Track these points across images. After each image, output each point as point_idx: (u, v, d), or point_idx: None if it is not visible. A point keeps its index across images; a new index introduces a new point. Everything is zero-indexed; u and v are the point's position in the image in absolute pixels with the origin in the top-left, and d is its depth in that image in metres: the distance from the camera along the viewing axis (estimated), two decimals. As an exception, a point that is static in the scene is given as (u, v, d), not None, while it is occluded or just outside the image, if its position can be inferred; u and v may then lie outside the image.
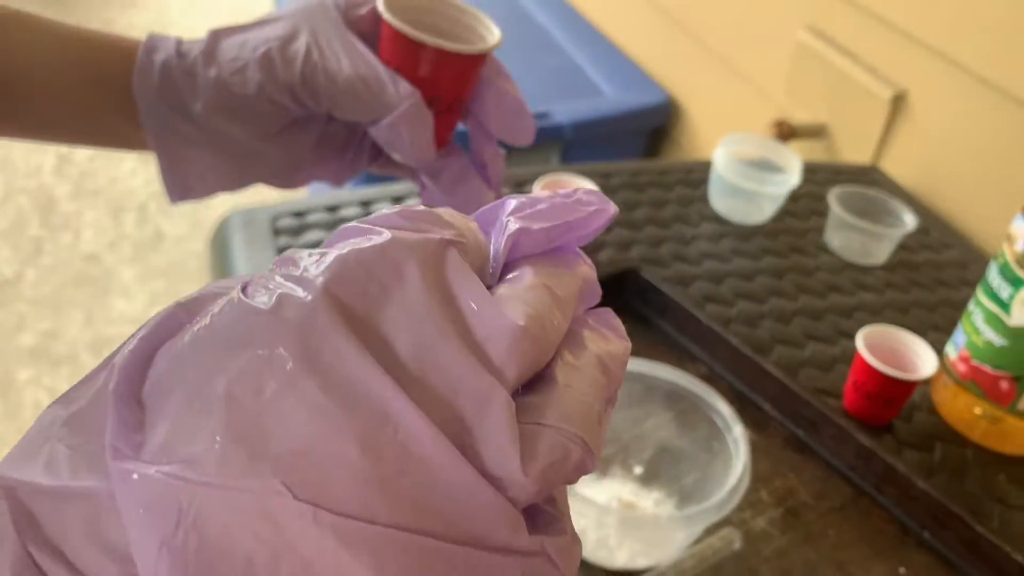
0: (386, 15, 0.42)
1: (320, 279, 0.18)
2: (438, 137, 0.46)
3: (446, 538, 0.16)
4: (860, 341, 0.66)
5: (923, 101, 1.06)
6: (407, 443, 0.16)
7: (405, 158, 0.44)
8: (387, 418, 0.16)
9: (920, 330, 0.79)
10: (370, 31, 0.44)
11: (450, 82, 0.44)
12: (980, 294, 0.66)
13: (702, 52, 1.49)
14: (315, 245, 0.77)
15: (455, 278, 0.19)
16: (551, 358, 0.19)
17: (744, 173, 0.86)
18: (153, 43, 0.44)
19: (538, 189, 0.78)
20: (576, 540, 0.19)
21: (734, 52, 1.41)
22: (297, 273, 0.18)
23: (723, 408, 0.55)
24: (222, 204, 2.17)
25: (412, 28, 0.42)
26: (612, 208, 0.24)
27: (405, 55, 0.42)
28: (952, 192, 1.02)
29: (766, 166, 0.90)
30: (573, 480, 0.18)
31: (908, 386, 0.65)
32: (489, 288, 0.20)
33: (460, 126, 0.49)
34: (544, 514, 0.19)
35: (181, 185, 0.46)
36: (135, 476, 0.16)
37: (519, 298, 0.19)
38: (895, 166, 1.10)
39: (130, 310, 1.88)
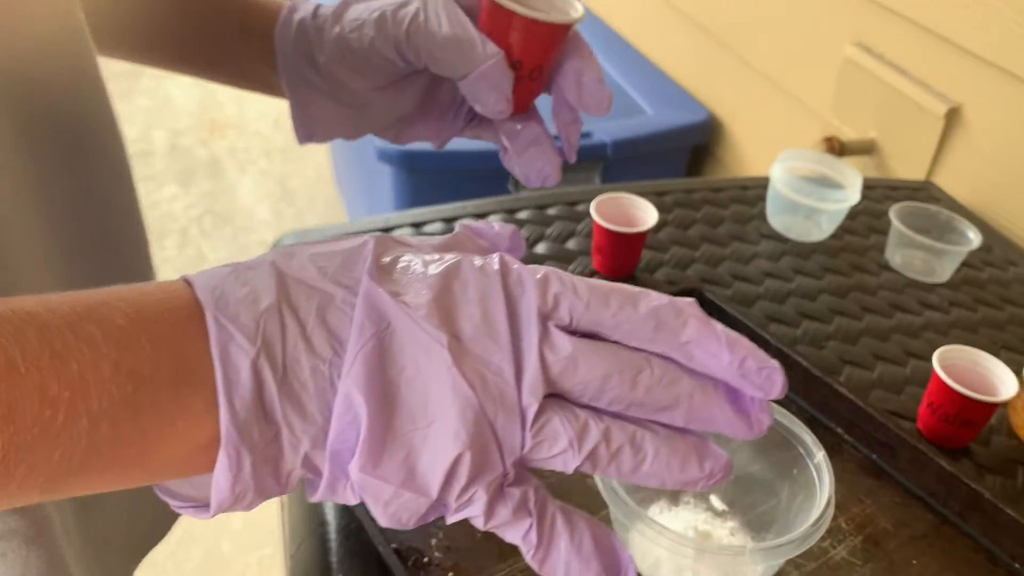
0: None
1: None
2: (518, 100, 0.48)
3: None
4: (937, 362, 0.64)
5: (978, 115, 1.03)
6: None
7: (484, 110, 0.48)
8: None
9: (991, 349, 0.76)
10: (475, 4, 0.48)
11: (533, 49, 0.47)
12: (1060, 312, 0.64)
13: (744, 69, 1.47)
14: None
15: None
16: None
17: (803, 189, 0.85)
18: (294, 4, 0.51)
19: (594, 210, 0.77)
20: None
21: (778, 69, 1.39)
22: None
23: (804, 435, 0.53)
24: (264, 227, 2.19)
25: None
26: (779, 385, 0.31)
27: (496, 22, 0.46)
28: (1012, 207, 0.99)
29: (824, 182, 0.88)
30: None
31: (988, 408, 0.63)
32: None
33: (545, 96, 0.51)
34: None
35: (306, 128, 0.52)
36: (380, 290, 0.29)
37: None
38: (950, 182, 1.07)
39: (171, 334, 1.88)
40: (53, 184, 0.45)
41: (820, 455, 0.52)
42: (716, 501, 0.57)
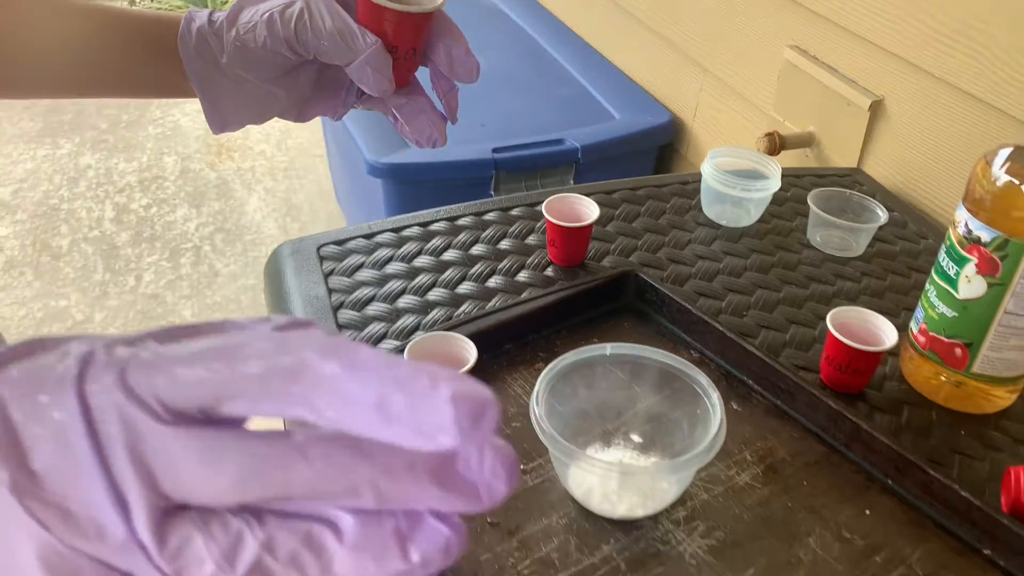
0: None
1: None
2: (398, 78, 0.59)
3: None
4: (829, 321, 0.77)
5: (898, 107, 1.15)
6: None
7: (371, 90, 0.57)
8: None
9: (895, 311, 0.89)
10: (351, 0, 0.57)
11: (405, 35, 0.57)
12: (933, 274, 0.76)
13: (700, 73, 1.60)
14: (357, 269, 0.89)
15: None
16: None
17: (729, 182, 0.97)
18: (191, 15, 0.59)
19: (545, 209, 0.89)
20: None
21: (728, 72, 1.52)
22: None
23: (702, 379, 0.66)
24: (272, 241, 2.32)
25: None
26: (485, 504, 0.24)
27: (371, 16, 0.56)
28: (928, 187, 1.11)
29: (751, 174, 1.00)
30: None
31: (872, 357, 0.75)
32: None
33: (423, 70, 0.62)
34: None
35: (219, 121, 0.61)
36: None
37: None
38: (877, 167, 1.19)
39: (188, 345, 2.02)
40: None
41: (715, 395, 0.65)
42: (636, 438, 0.70)
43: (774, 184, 0.98)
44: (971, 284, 0.72)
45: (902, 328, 0.79)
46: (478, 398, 0.22)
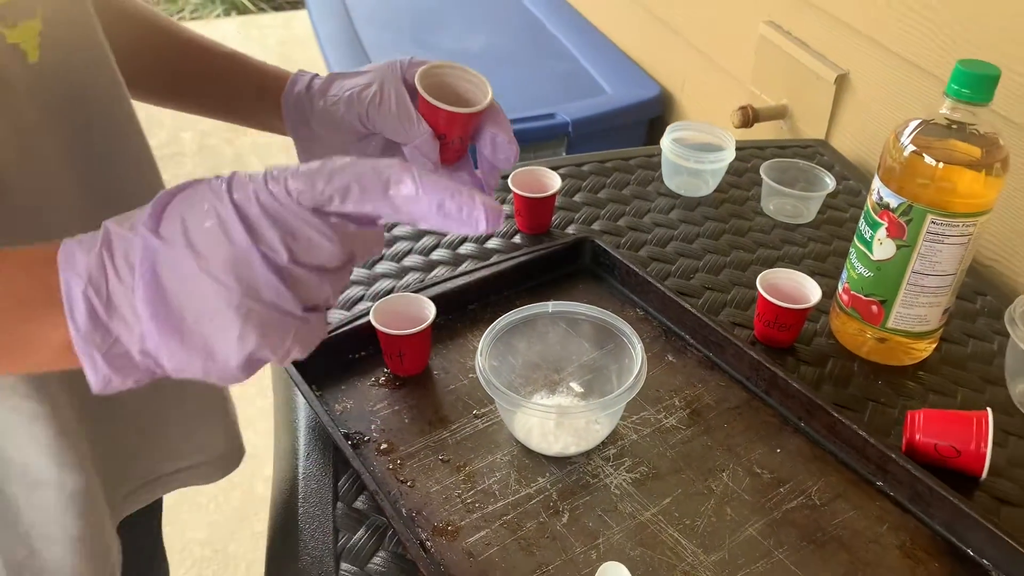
0: (418, 87, 0.65)
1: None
2: (447, 158, 0.69)
3: None
4: (759, 282, 0.84)
5: (861, 80, 1.21)
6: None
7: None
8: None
9: (835, 274, 0.95)
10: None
11: (454, 127, 0.67)
12: (855, 238, 0.83)
13: (687, 48, 1.66)
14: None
15: None
16: None
17: (685, 154, 1.04)
18: (295, 77, 0.70)
19: (511, 182, 0.97)
20: None
21: (710, 47, 1.57)
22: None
23: (627, 329, 0.74)
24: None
25: (437, 91, 0.65)
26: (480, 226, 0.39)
27: (427, 109, 0.65)
28: (885, 157, 1.17)
29: (709, 147, 1.07)
30: None
31: (796, 313, 0.82)
32: None
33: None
34: None
35: (307, 161, 0.72)
36: (145, 232, 0.39)
37: None
38: (842, 139, 1.25)
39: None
40: (85, 160, 0.60)
41: (638, 343, 0.73)
42: (577, 387, 0.78)
43: (728, 155, 1.04)
44: (883, 246, 0.78)
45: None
46: (496, 205, 0.39)
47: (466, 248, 0.98)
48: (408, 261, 0.96)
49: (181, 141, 2.77)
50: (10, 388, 0.53)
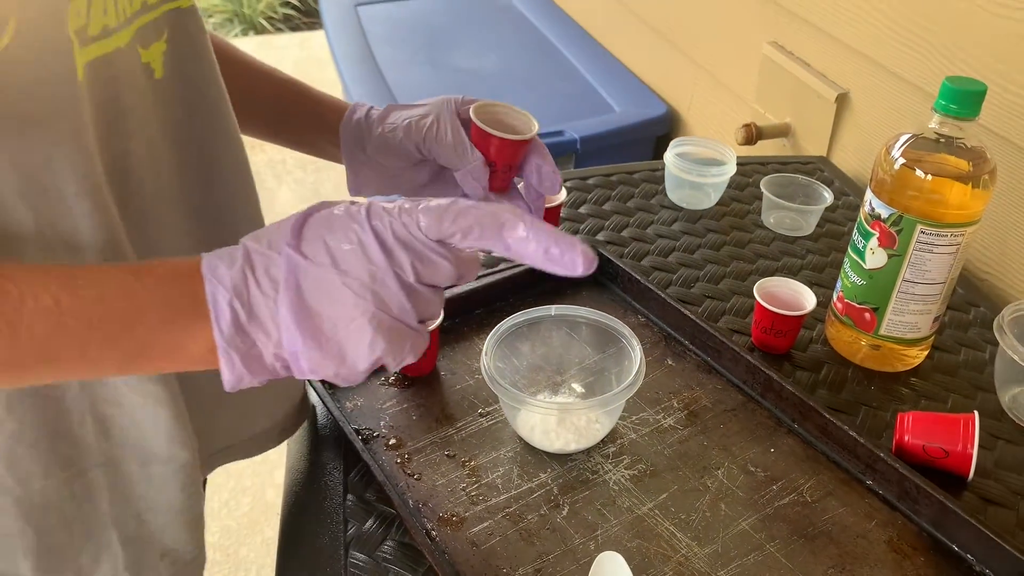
0: (473, 118, 0.69)
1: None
2: (497, 185, 0.73)
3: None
4: (756, 289, 0.87)
5: (860, 99, 1.24)
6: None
7: (470, 195, 0.73)
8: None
9: (832, 284, 0.98)
10: (468, 118, 0.72)
11: (504, 155, 0.71)
12: (849, 248, 0.86)
13: (693, 67, 1.69)
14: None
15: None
16: None
17: (687, 168, 1.07)
18: (354, 108, 0.74)
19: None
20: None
21: (716, 66, 1.61)
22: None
23: (625, 331, 0.77)
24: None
25: (487, 124, 0.70)
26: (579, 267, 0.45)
27: (480, 137, 0.70)
28: (883, 174, 1.20)
29: (711, 162, 1.10)
30: None
31: (791, 320, 0.85)
32: None
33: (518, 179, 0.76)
34: None
35: (356, 186, 0.77)
36: (290, 251, 0.45)
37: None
38: (843, 156, 1.29)
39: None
40: (195, 184, 0.64)
41: (636, 344, 0.76)
42: (578, 388, 0.81)
43: (730, 169, 1.08)
44: (875, 255, 0.81)
45: (826, 296, 0.89)
46: (590, 252, 0.45)
47: (474, 257, 1.01)
48: (418, 268, 1.00)
49: (198, 157, 2.83)
50: (145, 376, 0.58)
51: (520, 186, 0.74)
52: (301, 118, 0.77)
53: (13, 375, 0.45)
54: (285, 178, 2.76)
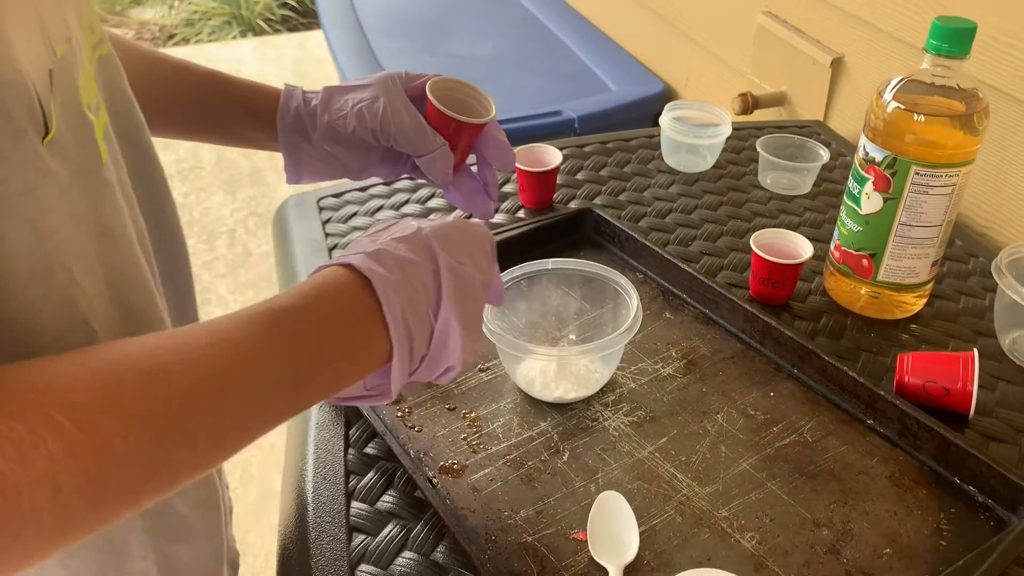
0: (431, 99, 0.68)
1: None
2: (455, 165, 0.72)
3: None
4: (753, 241, 0.87)
5: (856, 62, 1.24)
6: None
7: (436, 181, 0.72)
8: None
9: (829, 239, 0.98)
10: (418, 96, 0.71)
11: (464, 137, 0.71)
12: (844, 196, 0.86)
13: (688, 43, 1.69)
14: (351, 216, 1.01)
15: None
16: None
17: (683, 130, 1.07)
18: (288, 92, 0.72)
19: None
20: None
21: (710, 40, 1.61)
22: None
23: (622, 281, 0.77)
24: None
25: (444, 104, 0.69)
26: None
27: (439, 119, 0.69)
28: (880, 134, 1.20)
29: (706, 124, 1.10)
30: None
31: (788, 268, 0.85)
32: None
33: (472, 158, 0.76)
34: None
35: (296, 175, 0.74)
36: (446, 256, 0.51)
37: None
38: (840, 120, 1.28)
39: (225, 318, 2.17)
40: (151, 252, 0.57)
41: (633, 292, 0.76)
42: (577, 341, 0.81)
43: (725, 131, 1.08)
44: (870, 200, 0.81)
45: (823, 247, 0.89)
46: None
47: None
48: (416, 236, 1.00)
49: (199, 156, 2.84)
50: (210, 503, 0.57)
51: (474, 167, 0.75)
52: (227, 110, 0.73)
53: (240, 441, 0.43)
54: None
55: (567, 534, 0.64)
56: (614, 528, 0.64)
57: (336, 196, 1.08)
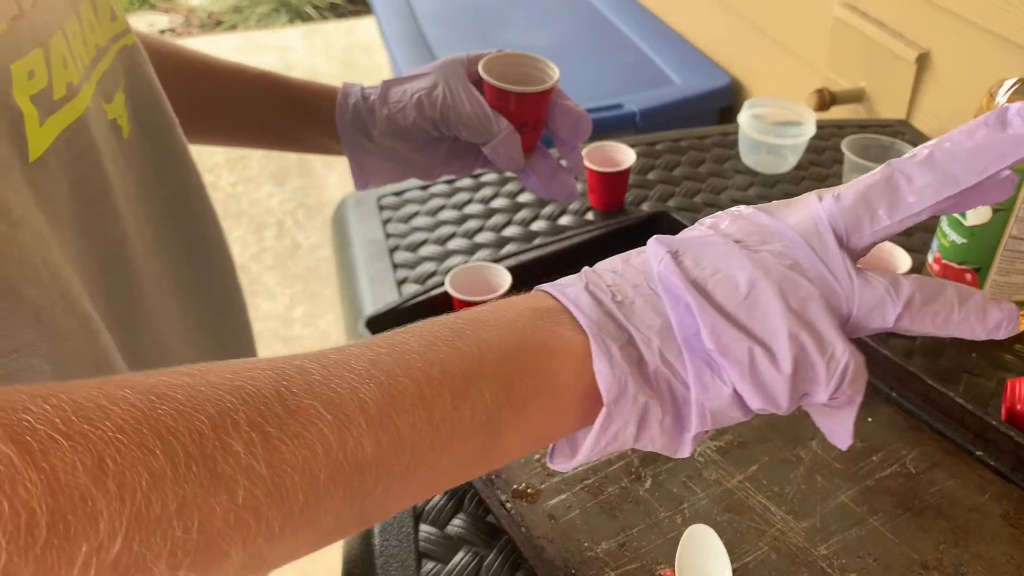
0: (484, 76, 0.63)
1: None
2: (527, 147, 0.67)
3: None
4: (845, 251, 0.81)
5: (944, 59, 1.17)
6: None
7: (504, 168, 0.67)
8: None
9: (923, 248, 0.92)
10: (480, 79, 0.65)
11: (529, 111, 0.65)
12: (946, 205, 0.80)
13: (758, 35, 1.63)
14: (412, 216, 0.97)
15: None
16: None
17: (764, 129, 1.01)
18: (347, 90, 0.68)
19: (584, 157, 0.96)
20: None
21: (783, 33, 1.54)
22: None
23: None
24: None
25: (501, 80, 0.63)
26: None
27: (499, 98, 0.64)
28: (970, 135, 1.13)
29: (789, 123, 1.05)
30: None
31: (884, 283, 0.79)
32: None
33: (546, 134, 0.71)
34: None
35: (363, 179, 0.70)
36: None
37: None
38: (924, 119, 1.21)
39: (274, 309, 2.15)
40: (177, 258, 0.56)
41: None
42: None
43: (809, 130, 1.02)
44: (978, 211, 0.75)
45: (919, 259, 0.83)
46: (1012, 309, 0.38)
47: (537, 225, 0.97)
48: (480, 238, 0.96)
49: (249, 144, 2.83)
50: None
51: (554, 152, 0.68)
52: (285, 113, 0.69)
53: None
54: (334, 164, 2.74)
55: (653, 570, 0.60)
56: (704, 565, 0.59)
57: (397, 195, 1.04)
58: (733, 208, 0.38)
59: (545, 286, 0.37)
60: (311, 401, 0.27)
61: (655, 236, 0.37)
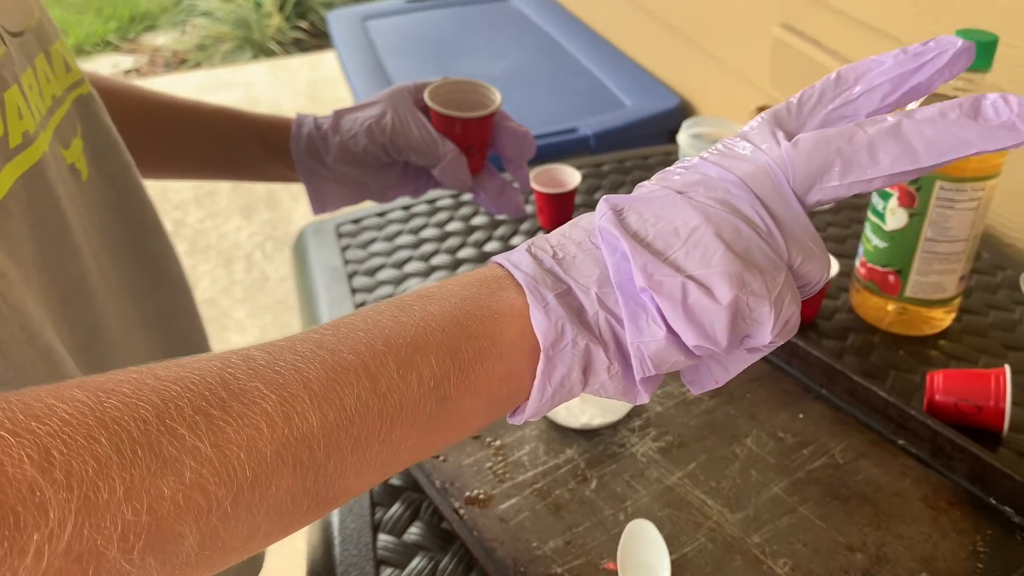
0: (429, 103, 0.68)
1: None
2: (474, 168, 0.72)
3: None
4: (776, 259, 0.86)
5: (873, 73, 1.23)
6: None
7: (451, 188, 0.72)
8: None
9: (854, 255, 0.97)
10: (426, 106, 0.70)
11: (474, 135, 0.70)
12: (868, 212, 0.85)
13: (703, 56, 1.69)
14: (370, 242, 1.01)
15: None
16: None
17: (701, 148, 1.06)
18: (300, 120, 0.72)
19: (532, 180, 1.01)
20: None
21: (726, 53, 1.61)
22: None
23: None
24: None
25: (446, 106, 0.68)
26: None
27: (444, 124, 0.68)
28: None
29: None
30: None
31: (814, 287, 0.84)
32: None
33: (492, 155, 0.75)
34: None
35: (320, 203, 0.74)
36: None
37: None
38: (859, 131, 1.27)
39: (244, 342, 2.18)
40: (141, 294, 0.58)
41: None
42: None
43: (743, 147, 1.07)
44: (895, 216, 0.80)
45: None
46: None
47: (491, 246, 1.01)
48: (435, 260, 1.00)
49: (215, 181, 2.86)
50: None
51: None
52: (243, 145, 0.73)
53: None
54: (300, 197, 2.77)
55: (597, 564, 0.64)
56: (645, 557, 0.63)
57: (355, 223, 1.08)
58: (683, 159, 0.38)
59: (496, 257, 0.37)
60: (255, 383, 0.29)
61: (604, 196, 0.37)
